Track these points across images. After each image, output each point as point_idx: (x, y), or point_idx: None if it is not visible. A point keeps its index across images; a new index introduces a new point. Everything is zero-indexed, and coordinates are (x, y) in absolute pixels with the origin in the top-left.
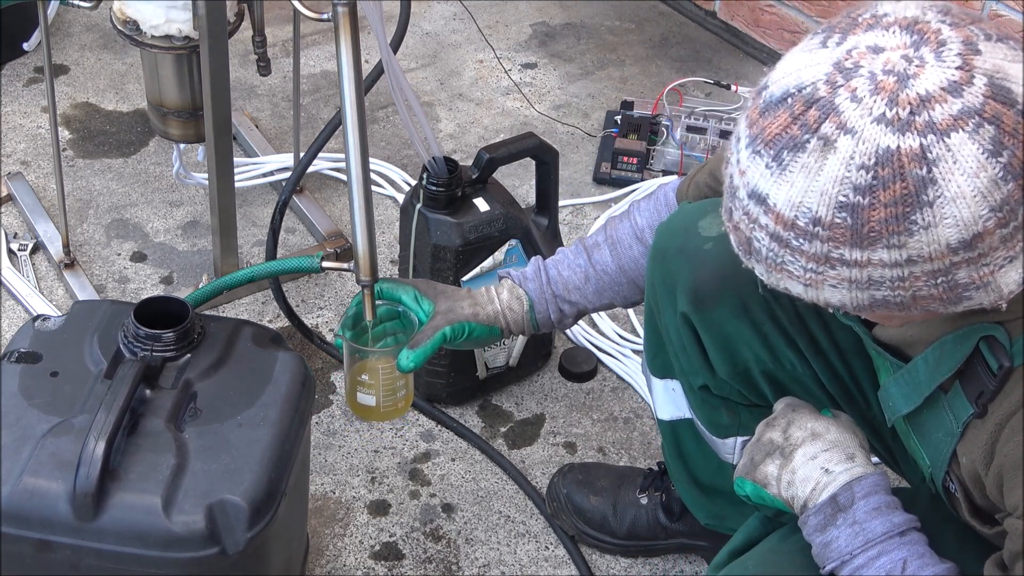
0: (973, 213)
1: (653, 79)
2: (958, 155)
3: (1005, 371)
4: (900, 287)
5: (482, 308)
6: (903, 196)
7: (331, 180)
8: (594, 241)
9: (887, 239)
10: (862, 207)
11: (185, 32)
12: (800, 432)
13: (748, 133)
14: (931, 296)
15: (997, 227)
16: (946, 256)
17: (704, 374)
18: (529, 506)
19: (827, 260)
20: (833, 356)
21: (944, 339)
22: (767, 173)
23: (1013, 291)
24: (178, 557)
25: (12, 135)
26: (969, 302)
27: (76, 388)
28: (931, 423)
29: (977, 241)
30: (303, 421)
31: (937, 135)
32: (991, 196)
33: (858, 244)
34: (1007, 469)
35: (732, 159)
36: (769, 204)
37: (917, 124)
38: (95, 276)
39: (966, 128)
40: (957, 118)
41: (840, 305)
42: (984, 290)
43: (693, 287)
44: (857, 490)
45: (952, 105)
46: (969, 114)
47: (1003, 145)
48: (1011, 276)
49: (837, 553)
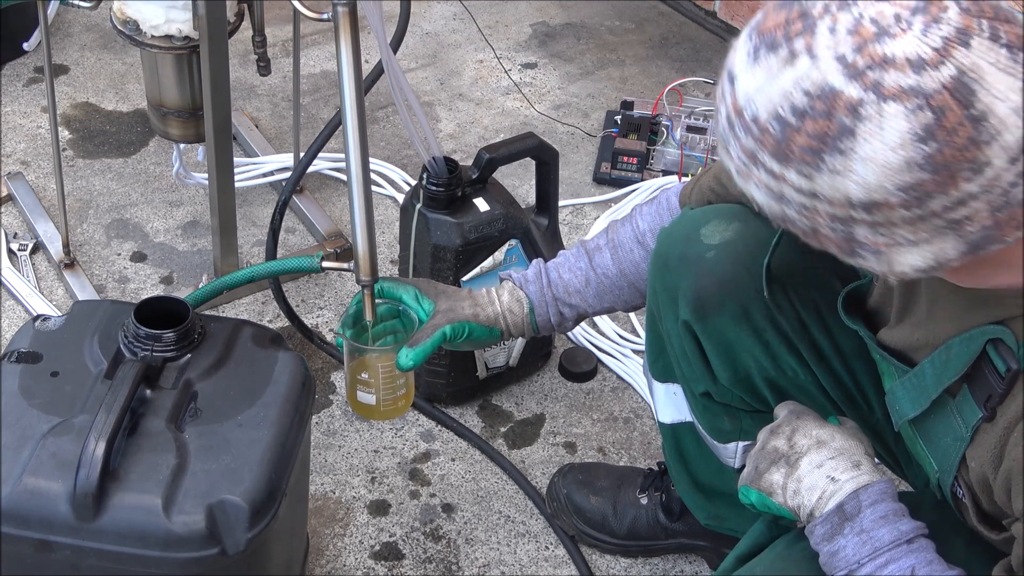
0: (879, 181)
1: (653, 79)
2: (886, 124)
3: (1013, 374)
4: (805, 215)
5: (482, 309)
6: (824, 134)
7: (331, 180)
8: (595, 244)
9: (799, 165)
10: (790, 126)
11: (185, 32)
12: (805, 440)
13: (756, 18)
14: (829, 238)
15: (900, 206)
16: (846, 207)
17: (706, 381)
18: (529, 506)
19: (753, 158)
20: (835, 362)
21: (950, 342)
22: (745, 59)
23: (906, 272)
24: (178, 557)
25: (12, 135)
26: (862, 261)
27: (76, 388)
28: (939, 428)
29: (875, 208)
30: (303, 421)
31: (877, 96)
32: (900, 175)
33: (777, 157)
34: (1015, 473)
35: (737, 38)
36: (734, 87)
37: (866, 78)
38: (95, 276)
39: (907, 104)
40: (904, 91)
41: (762, 206)
42: (877, 258)
43: (695, 295)
44: (864, 498)
45: (907, 78)
46: (917, 93)
47: (934, 136)
48: (908, 259)
49: (845, 562)
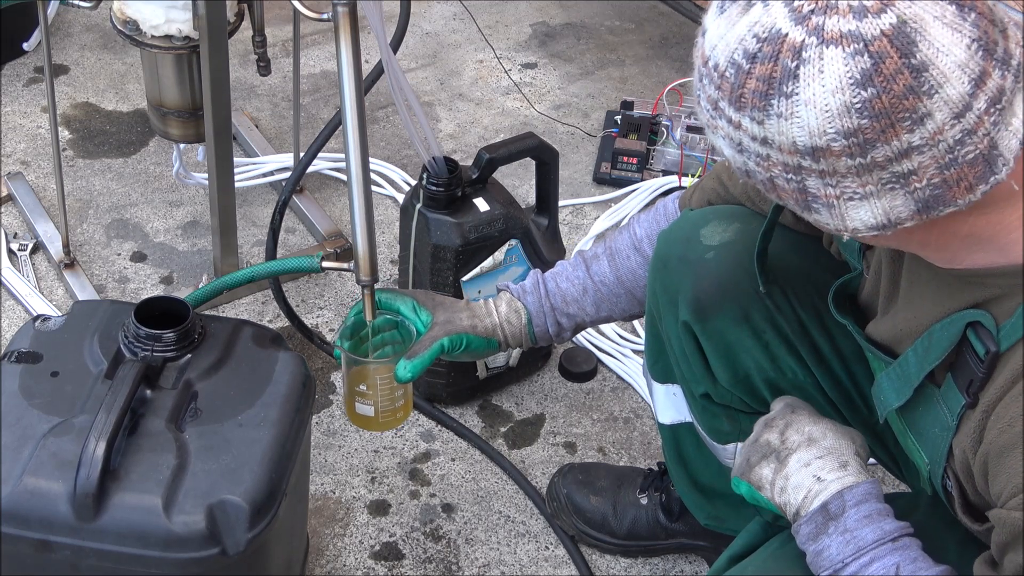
0: (820, 125)
1: (653, 79)
2: (826, 67)
3: (992, 357)
4: (762, 165)
5: (480, 320)
6: (770, 76)
7: (331, 180)
8: (593, 253)
9: (751, 110)
10: (743, 70)
11: (185, 32)
12: (797, 436)
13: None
14: (785, 190)
15: (843, 153)
16: (794, 154)
17: (705, 382)
18: (529, 506)
19: (716, 108)
20: (835, 363)
21: (932, 328)
22: (714, 12)
23: (858, 229)
24: (178, 557)
25: (12, 135)
26: (817, 216)
27: (76, 388)
28: (927, 419)
29: (820, 155)
30: (303, 421)
31: (818, 40)
32: (840, 120)
33: (733, 104)
34: (992, 455)
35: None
36: (704, 39)
37: (810, 23)
38: (95, 276)
39: (846, 48)
40: (844, 36)
41: (729, 161)
42: (830, 212)
43: (695, 296)
44: (848, 498)
45: (847, 23)
46: (856, 38)
47: (871, 82)
48: (859, 213)
49: (829, 562)
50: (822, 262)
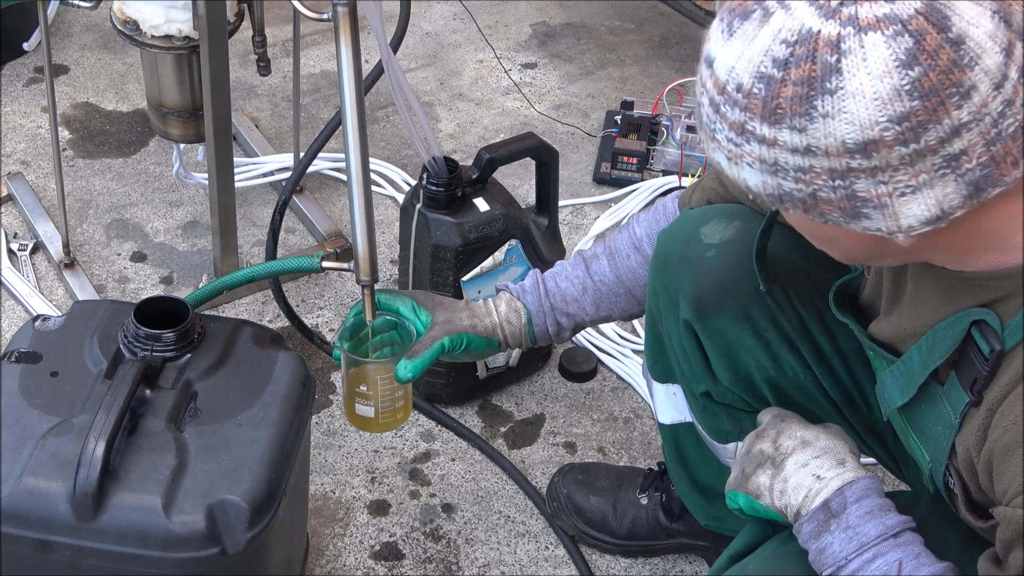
0: (871, 116)
1: (653, 79)
2: (869, 54)
3: (997, 354)
4: (802, 180)
5: (480, 320)
6: (810, 78)
7: (331, 180)
8: (592, 253)
9: (790, 119)
10: (775, 80)
11: (185, 32)
12: (790, 441)
13: (724, 5)
14: (830, 201)
15: (896, 142)
16: (842, 155)
17: (706, 381)
18: (529, 506)
19: (743, 132)
20: (836, 362)
21: (936, 327)
22: (720, 38)
23: (913, 226)
24: (178, 557)
25: (12, 135)
26: (868, 222)
27: (76, 388)
28: (929, 417)
29: (872, 149)
30: (303, 421)
31: (855, 28)
32: (891, 105)
33: (767, 119)
34: (996, 454)
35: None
36: (714, 68)
37: (842, 14)
38: (95, 276)
39: (885, 32)
40: (880, 20)
41: (756, 190)
42: (881, 212)
43: (695, 295)
44: (849, 495)
45: (880, 7)
46: (893, 20)
47: (917, 60)
48: (912, 208)
49: (832, 559)
50: (822, 261)
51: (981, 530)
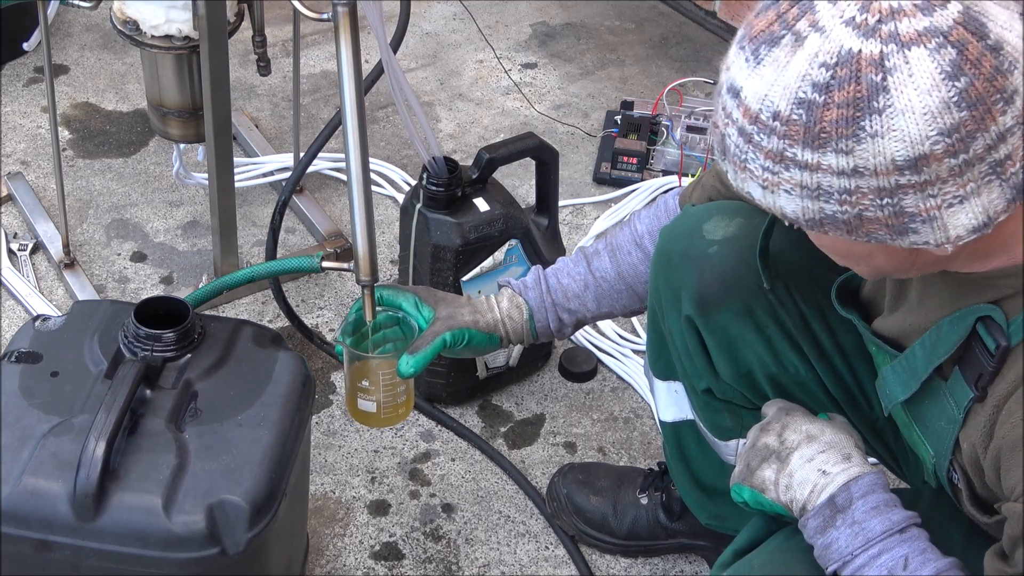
0: (921, 131)
1: (653, 79)
2: (915, 69)
3: (1003, 351)
4: (847, 202)
5: (482, 316)
6: (855, 99)
7: (331, 180)
8: (594, 249)
9: (836, 142)
10: (817, 105)
11: (185, 32)
12: (795, 435)
13: (741, 32)
14: (877, 220)
15: (946, 155)
16: (891, 173)
17: (708, 377)
18: (529, 506)
19: (782, 159)
20: (837, 359)
21: (941, 322)
22: (745, 67)
23: (961, 236)
24: (178, 557)
25: (12, 135)
26: (915, 237)
27: (76, 388)
28: (933, 412)
29: (923, 163)
30: (303, 421)
31: (898, 45)
32: (941, 118)
33: (810, 144)
34: (1004, 451)
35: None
36: (741, 97)
37: (882, 32)
38: (95, 276)
39: (928, 45)
40: (921, 34)
41: (794, 217)
42: (930, 226)
43: (698, 291)
44: (855, 490)
45: (920, 21)
46: (934, 33)
47: (962, 71)
48: (960, 218)
49: (838, 554)
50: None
51: (986, 525)
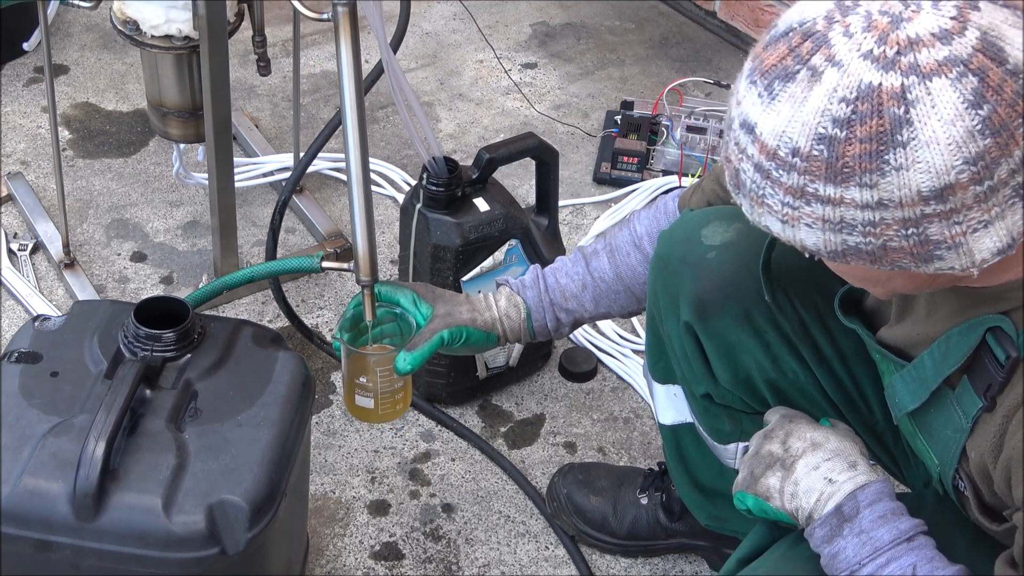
0: (946, 161)
1: (653, 79)
2: (937, 100)
3: (1013, 362)
4: (871, 233)
5: (480, 314)
6: (878, 133)
7: (331, 180)
8: (593, 249)
9: (860, 176)
10: (838, 140)
11: (185, 32)
12: (800, 443)
13: (750, 66)
14: (901, 249)
15: (971, 182)
16: (917, 204)
17: (706, 382)
18: (529, 506)
19: (803, 194)
20: (836, 364)
21: (950, 332)
22: (758, 102)
23: (986, 259)
24: (178, 557)
25: (12, 135)
26: (940, 263)
27: (76, 388)
28: (939, 421)
29: (948, 193)
30: (303, 421)
31: (919, 77)
32: (966, 147)
33: (832, 179)
34: (1015, 461)
35: (732, 93)
36: (756, 133)
37: (902, 64)
38: (95, 276)
39: (949, 75)
40: (942, 64)
41: (815, 249)
42: (955, 252)
43: (696, 297)
44: (861, 499)
45: (939, 51)
46: (955, 62)
47: (984, 99)
48: (985, 243)
49: (846, 564)
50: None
51: (995, 533)
